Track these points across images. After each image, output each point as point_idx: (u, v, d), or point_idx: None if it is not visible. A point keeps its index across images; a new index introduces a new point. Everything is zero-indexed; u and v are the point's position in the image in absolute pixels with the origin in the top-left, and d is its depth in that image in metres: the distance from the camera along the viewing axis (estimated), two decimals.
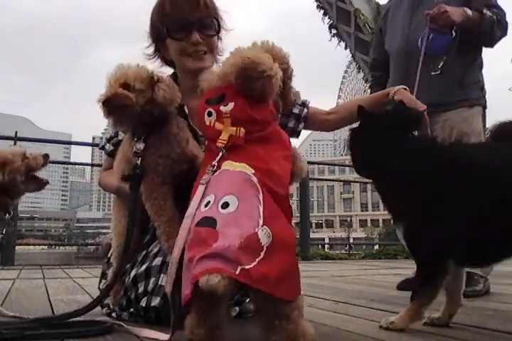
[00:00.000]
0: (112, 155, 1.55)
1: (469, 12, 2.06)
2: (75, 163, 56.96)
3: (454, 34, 2.06)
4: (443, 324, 1.34)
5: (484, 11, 2.07)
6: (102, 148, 1.63)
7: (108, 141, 1.62)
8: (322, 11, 15.56)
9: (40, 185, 1.35)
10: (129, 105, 1.24)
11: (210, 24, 1.52)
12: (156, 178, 1.32)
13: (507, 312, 1.69)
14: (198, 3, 1.48)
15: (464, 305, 1.76)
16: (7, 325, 1.22)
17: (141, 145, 1.30)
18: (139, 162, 1.29)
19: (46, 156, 1.33)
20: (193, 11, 1.48)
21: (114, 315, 1.43)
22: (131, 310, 1.40)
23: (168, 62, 1.63)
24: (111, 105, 1.24)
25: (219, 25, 1.55)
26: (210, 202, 1.00)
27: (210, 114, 1.12)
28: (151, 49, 1.60)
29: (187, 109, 1.53)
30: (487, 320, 1.47)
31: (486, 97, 2.29)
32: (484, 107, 2.26)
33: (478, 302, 1.85)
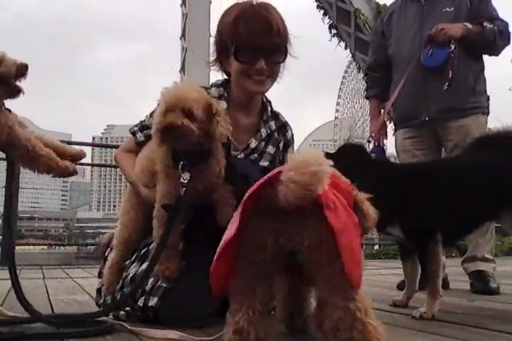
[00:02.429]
0: (140, 144, 1.54)
1: (469, 26, 2.20)
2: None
3: (452, 47, 2.18)
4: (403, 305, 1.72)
5: (485, 23, 2.20)
6: (134, 133, 1.59)
7: (141, 129, 1.57)
8: (322, 11, 15.56)
9: (12, 92, 1.26)
10: (189, 135, 1.21)
11: (278, 52, 1.50)
12: None
13: (507, 312, 1.68)
14: (272, 30, 1.45)
15: (464, 305, 1.76)
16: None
17: (187, 176, 1.28)
18: (182, 193, 1.28)
19: (22, 66, 1.24)
20: (265, 37, 1.45)
21: (111, 315, 1.43)
22: (127, 308, 1.39)
23: (226, 72, 1.60)
24: (171, 134, 1.19)
25: (286, 53, 1.52)
26: None
27: None
28: (214, 55, 1.57)
29: (229, 119, 1.42)
30: (487, 320, 1.47)
31: None
32: (488, 116, 2.36)
33: (478, 302, 1.86)
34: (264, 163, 1.58)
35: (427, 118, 2.27)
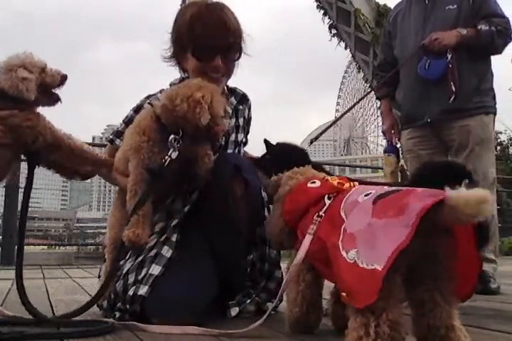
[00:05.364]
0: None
1: (464, 31, 2.16)
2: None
3: (448, 57, 2.16)
4: None
5: (479, 26, 2.16)
6: (112, 141, 1.64)
7: (117, 136, 1.63)
8: (322, 11, 15.53)
9: (51, 100, 1.32)
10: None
11: (234, 50, 1.58)
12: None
13: (507, 312, 1.68)
14: (228, 29, 1.53)
15: (464, 305, 1.76)
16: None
17: (175, 153, 1.31)
18: (166, 163, 1.31)
19: (64, 76, 1.30)
20: (221, 36, 1.53)
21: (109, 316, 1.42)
22: (119, 304, 1.38)
23: (183, 69, 1.66)
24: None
25: (240, 51, 1.60)
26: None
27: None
28: (170, 52, 1.64)
29: None
30: (487, 320, 1.47)
31: None
32: (495, 115, 2.32)
33: (478, 302, 1.85)
34: (240, 136, 1.69)
35: (428, 120, 2.26)
